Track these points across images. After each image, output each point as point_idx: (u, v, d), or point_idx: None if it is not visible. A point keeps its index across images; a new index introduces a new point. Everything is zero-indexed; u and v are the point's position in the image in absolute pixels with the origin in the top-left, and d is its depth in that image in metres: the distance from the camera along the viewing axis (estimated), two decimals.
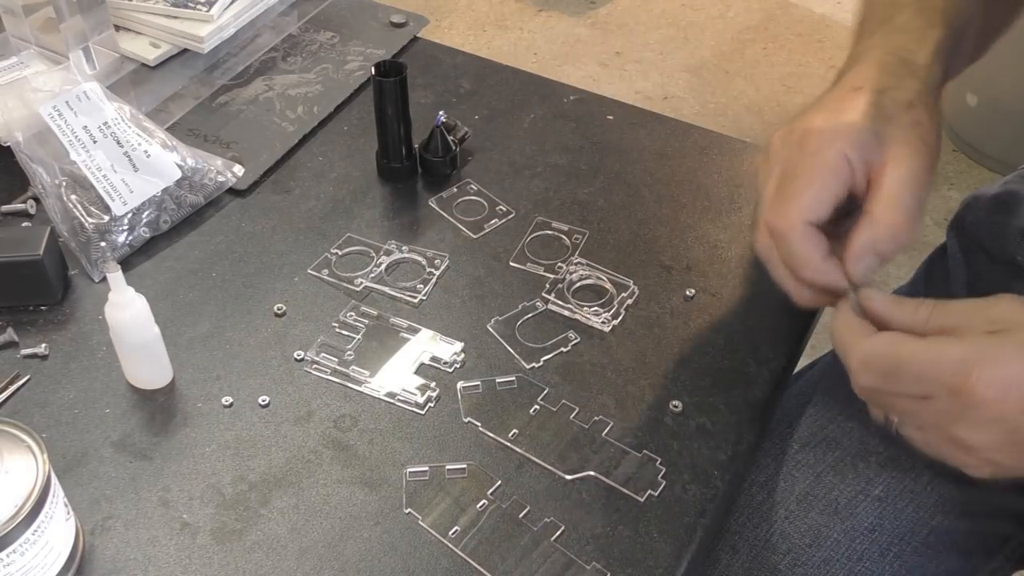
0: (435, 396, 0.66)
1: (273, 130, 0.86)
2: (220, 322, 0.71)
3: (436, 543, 0.58)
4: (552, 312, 0.72)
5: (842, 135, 0.58)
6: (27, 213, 0.78)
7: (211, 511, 0.60)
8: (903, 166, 0.57)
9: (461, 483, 0.61)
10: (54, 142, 0.75)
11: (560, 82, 0.92)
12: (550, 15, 2.53)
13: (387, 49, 0.95)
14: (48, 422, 0.64)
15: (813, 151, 0.58)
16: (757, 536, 0.68)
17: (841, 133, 0.58)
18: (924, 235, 1.95)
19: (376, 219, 0.79)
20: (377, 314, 0.71)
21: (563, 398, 0.66)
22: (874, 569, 0.66)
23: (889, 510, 0.67)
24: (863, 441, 0.69)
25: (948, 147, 2.12)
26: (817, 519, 0.67)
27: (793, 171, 0.58)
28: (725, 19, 2.53)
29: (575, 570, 0.57)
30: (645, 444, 0.63)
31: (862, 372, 0.53)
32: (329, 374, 0.67)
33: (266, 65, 0.93)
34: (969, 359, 0.49)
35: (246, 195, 0.81)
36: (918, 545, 0.67)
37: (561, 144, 0.86)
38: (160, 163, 0.77)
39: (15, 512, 0.50)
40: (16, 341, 0.69)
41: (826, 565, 0.66)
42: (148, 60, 0.91)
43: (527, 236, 0.77)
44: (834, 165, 0.57)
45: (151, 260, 0.75)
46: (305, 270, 0.74)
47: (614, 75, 2.34)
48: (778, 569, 0.67)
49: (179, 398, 0.66)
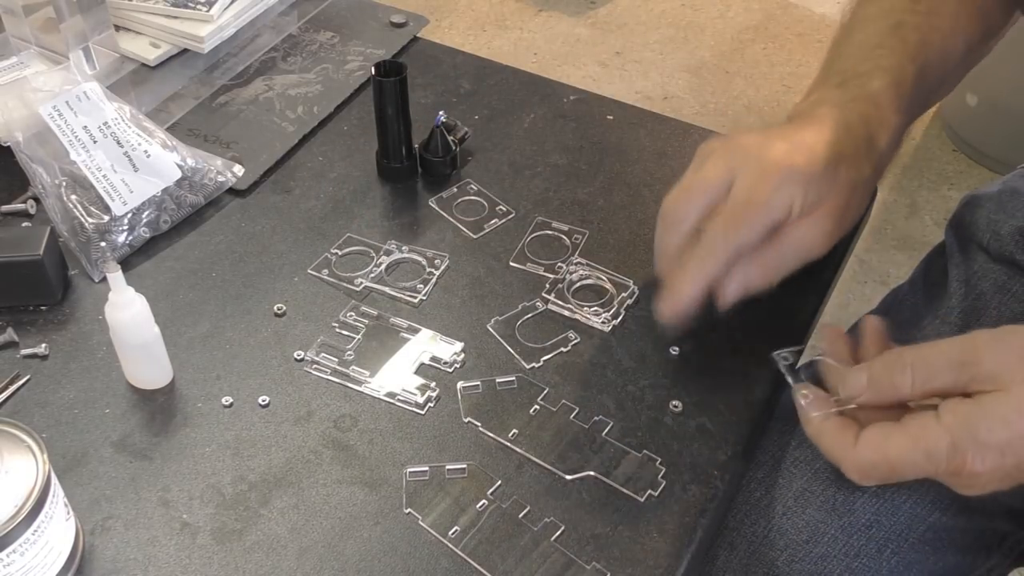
0: (435, 396, 0.66)
1: (273, 130, 0.86)
2: (220, 322, 0.71)
3: (436, 543, 0.58)
4: (552, 312, 0.72)
5: (798, 181, 0.62)
6: (27, 213, 0.78)
7: (211, 511, 0.60)
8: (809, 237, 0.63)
9: (461, 483, 0.61)
10: (54, 142, 0.75)
11: (560, 82, 0.92)
12: (550, 15, 2.53)
13: (387, 49, 0.95)
14: (48, 422, 0.64)
15: (773, 186, 0.62)
16: (755, 532, 0.68)
17: (800, 178, 0.62)
18: (923, 234, 1.95)
19: (376, 219, 0.79)
20: (377, 314, 0.71)
21: (563, 398, 0.66)
22: (871, 565, 0.66)
23: (887, 507, 0.67)
24: None
25: (948, 147, 2.12)
26: (815, 515, 0.67)
27: (748, 192, 0.62)
28: (725, 19, 2.53)
29: (575, 570, 0.57)
30: (645, 444, 0.63)
31: (863, 481, 0.56)
32: (329, 374, 0.67)
33: (266, 65, 0.94)
34: (960, 445, 0.52)
35: (246, 195, 0.81)
36: (915, 542, 0.67)
37: (561, 144, 0.86)
38: (160, 163, 0.77)
39: (15, 512, 0.50)
40: (16, 341, 0.69)
41: (823, 561, 0.66)
42: (148, 60, 0.91)
43: (527, 236, 0.77)
44: (782, 207, 0.62)
45: (151, 260, 0.75)
46: (305, 270, 0.75)
47: (614, 75, 2.34)
48: (776, 565, 0.67)
49: (179, 398, 0.66)
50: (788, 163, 0.62)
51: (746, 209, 0.62)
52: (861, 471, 0.55)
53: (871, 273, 1.87)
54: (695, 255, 0.63)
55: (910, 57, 0.68)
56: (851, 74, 0.68)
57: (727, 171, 0.64)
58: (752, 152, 0.64)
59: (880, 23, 0.71)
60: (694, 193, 0.65)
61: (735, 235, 0.62)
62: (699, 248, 0.63)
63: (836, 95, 0.67)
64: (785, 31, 2.48)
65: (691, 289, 0.63)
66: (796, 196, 0.62)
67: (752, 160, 0.64)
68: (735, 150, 0.66)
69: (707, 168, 0.65)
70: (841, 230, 0.65)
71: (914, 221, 1.98)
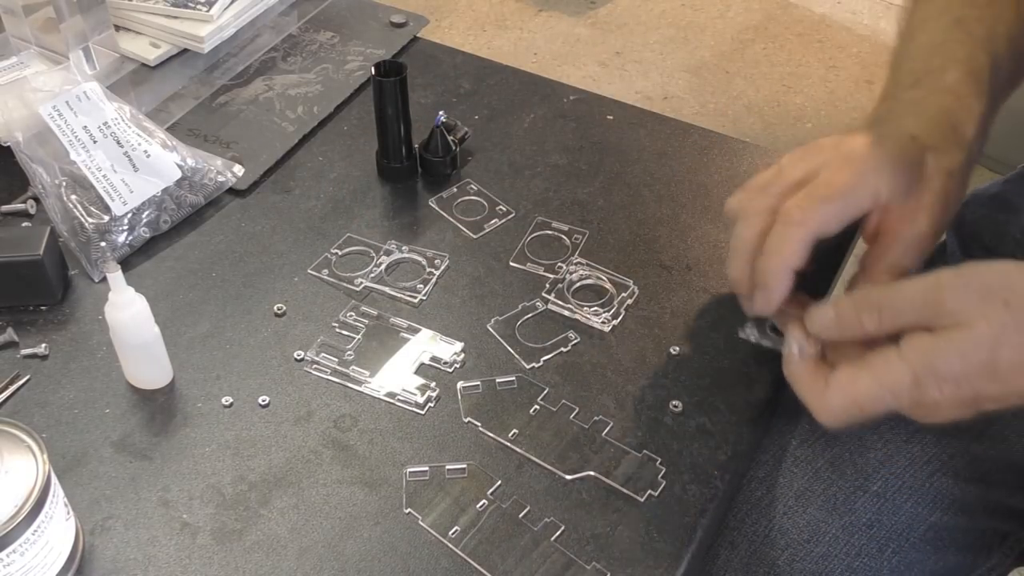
0: (435, 396, 0.66)
1: (273, 130, 0.86)
2: (220, 322, 0.71)
3: (436, 543, 0.58)
4: (552, 312, 0.72)
5: (884, 169, 0.60)
6: (27, 213, 0.78)
7: (211, 511, 0.60)
8: (914, 231, 0.61)
9: (461, 483, 0.61)
10: (54, 142, 0.75)
11: (560, 82, 0.92)
12: (550, 15, 2.53)
13: (387, 49, 0.95)
14: (48, 422, 0.64)
15: (856, 170, 0.59)
16: (756, 532, 0.68)
17: (884, 167, 0.60)
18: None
19: (376, 219, 0.79)
20: (377, 314, 0.71)
21: (563, 398, 0.66)
22: (872, 565, 0.66)
23: (887, 506, 0.67)
24: (861, 437, 0.69)
25: None
26: (815, 515, 0.67)
27: (829, 178, 0.60)
28: (725, 19, 2.53)
29: (575, 570, 0.57)
30: (645, 444, 0.63)
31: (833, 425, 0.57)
32: (329, 374, 0.67)
33: (266, 65, 0.93)
34: (921, 378, 0.53)
35: (246, 195, 0.81)
36: (916, 541, 0.67)
37: (561, 144, 0.86)
38: (160, 163, 0.77)
39: (15, 512, 0.50)
40: (16, 341, 0.69)
41: (824, 560, 0.66)
42: (148, 60, 0.91)
43: (527, 236, 0.77)
44: (865, 192, 0.59)
45: (151, 260, 0.75)
46: (305, 270, 0.74)
47: (614, 75, 2.34)
48: (776, 564, 0.67)
49: (179, 398, 0.66)
50: (870, 152, 0.60)
51: (827, 190, 0.59)
52: (831, 415, 0.56)
53: None
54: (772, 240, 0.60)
55: (980, 47, 0.66)
56: (923, 72, 0.66)
57: (806, 170, 0.61)
58: (832, 148, 0.62)
59: (942, 20, 0.69)
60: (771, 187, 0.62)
61: (814, 213, 0.59)
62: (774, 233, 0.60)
63: (912, 94, 0.65)
64: (785, 31, 2.48)
65: (780, 283, 0.60)
66: (881, 184, 0.59)
67: (833, 154, 0.62)
68: (813, 150, 0.63)
69: (785, 166, 0.63)
70: (945, 220, 0.62)
71: None
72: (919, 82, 0.66)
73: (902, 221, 0.61)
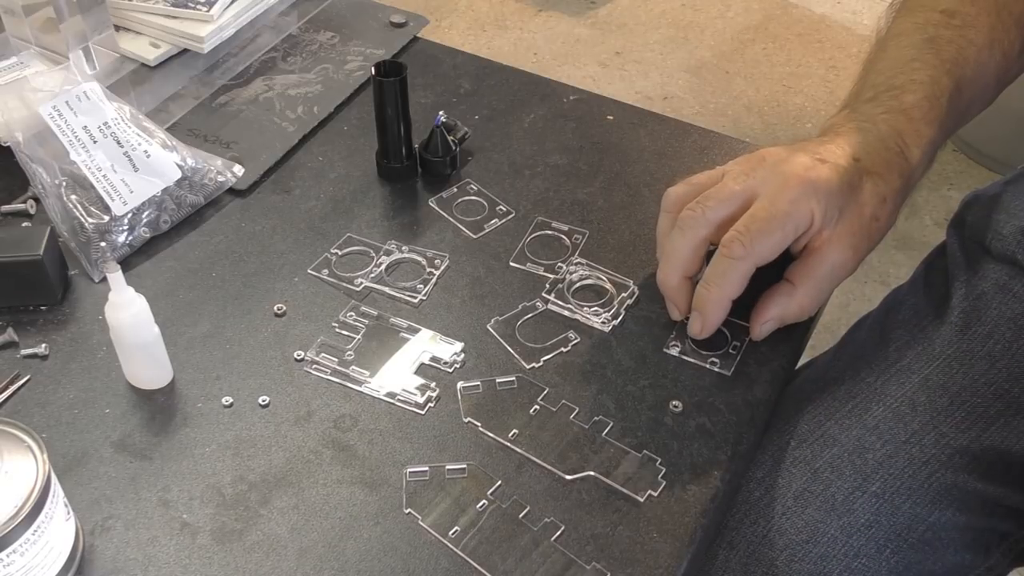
0: (435, 396, 0.66)
1: (273, 130, 0.86)
2: (220, 322, 0.71)
3: (436, 543, 0.58)
4: (552, 312, 0.72)
5: (820, 196, 0.63)
6: (27, 213, 0.78)
7: (211, 511, 0.60)
8: (838, 254, 0.65)
9: (461, 483, 0.61)
10: (54, 142, 0.75)
11: (560, 82, 0.92)
12: (550, 15, 2.53)
13: (387, 49, 0.95)
14: (48, 422, 0.64)
15: (792, 198, 0.63)
16: (754, 532, 0.68)
17: (820, 194, 0.63)
18: (923, 235, 1.95)
19: (376, 219, 0.79)
20: (377, 314, 0.71)
21: (563, 398, 0.66)
22: (871, 565, 0.66)
23: (886, 506, 0.67)
24: (860, 438, 0.69)
25: (948, 147, 2.12)
26: (814, 515, 0.67)
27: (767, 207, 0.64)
28: (725, 19, 2.53)
29: (575, 570, 0.57)
30: (645, 444, 0.63)
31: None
32: (329, 374, 0.67)
33: (266, 65, 0.94)
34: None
35: (246, 195, 0.81)
36: (915, 541, 0.67)
37: (561, 144, 0.86)
38: (160, 163, 0.77)
39: (15, 512, 0.50)
40: (16, 341, 0.69)
41: (823, 561, 0.66)
42: (148, 60, 0.91)
43: (527, 236, 0.77)
44: (802, 219, 0.63)
45: (151, 260, 0.75)
46: (305, 270, 0.75)
47: (614, 75, 2.34)
48: (775, 565, 0.67)
49: (179, 398, 0.66)
50: (808, 176, 0.63)
51: (766, 224, 0.63)
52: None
53: (871, 273, 1.87)
54: (714, 271, 0.64)
55: (945, 70, 0.68)
56: (884, 88, 0.68)
57: (746, 187, 0.65)
58: (773, 166, 0.65)
59: (914, 37, 0.70)
60: (712, 197, 0.66)
61: (753, 248, 0.63)
62: (717, 263, 0.64)
63: (868, 109, 0.67)
64: (785, 31, 2.48)
65: (718, 312, 0.66)
66: (816, 209, 0.62)
67: (772, 173, 0.64)
68: (755, 161, 0.66)
69: (727, 180, 0.66)
70: (870, 245, 0.66)
71: (914, 221, 1.98)
72: (878, 97, 0.68)
73: (830, 243, 0.65)
